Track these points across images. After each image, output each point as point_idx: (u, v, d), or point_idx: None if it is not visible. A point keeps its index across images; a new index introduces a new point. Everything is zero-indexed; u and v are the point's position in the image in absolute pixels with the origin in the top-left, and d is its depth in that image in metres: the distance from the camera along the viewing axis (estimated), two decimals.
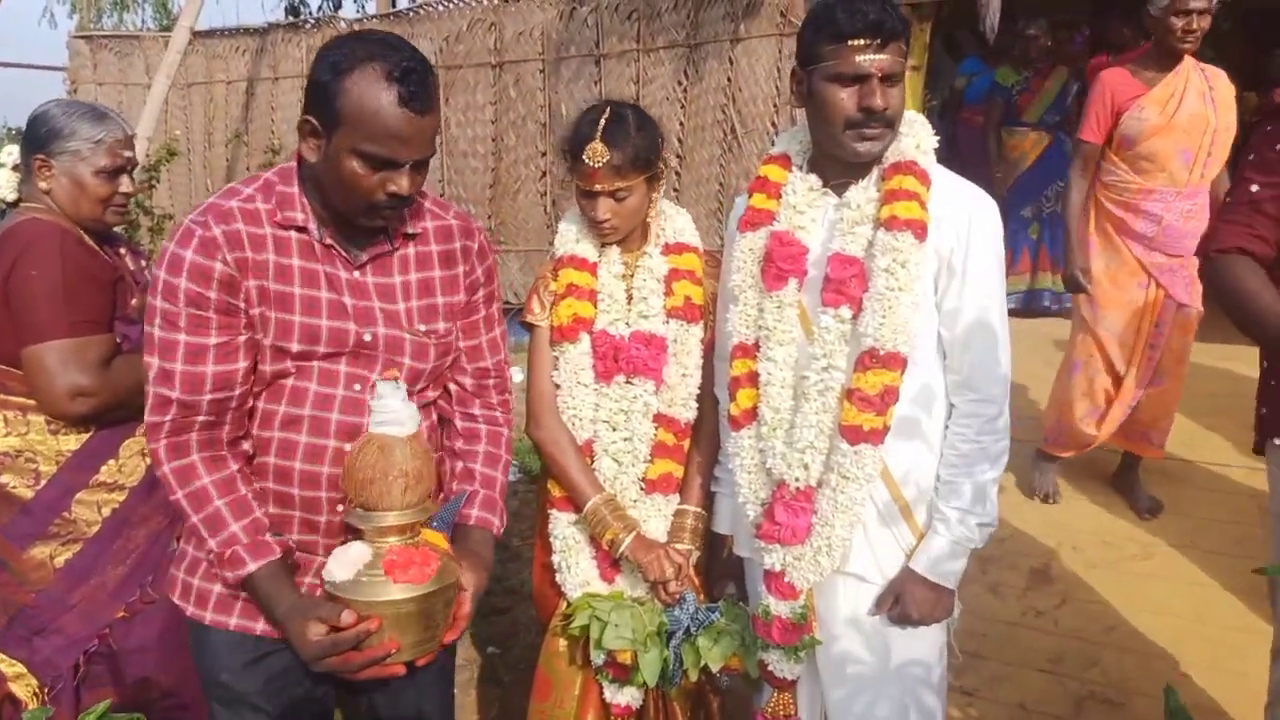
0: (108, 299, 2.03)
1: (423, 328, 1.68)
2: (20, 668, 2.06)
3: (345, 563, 1.46)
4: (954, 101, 6.68)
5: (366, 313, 1.62)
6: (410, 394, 1.62)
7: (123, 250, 2.22)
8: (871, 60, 1.59)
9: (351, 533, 1.53)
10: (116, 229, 2.21)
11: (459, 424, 1.80)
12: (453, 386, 1.79)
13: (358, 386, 1.62)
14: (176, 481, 1.56)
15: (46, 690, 2.06)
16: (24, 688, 2.06)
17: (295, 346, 1.58)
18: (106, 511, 2.07)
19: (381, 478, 1.44)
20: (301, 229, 1.58)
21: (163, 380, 1.54)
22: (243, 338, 1.57)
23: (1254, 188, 1.89)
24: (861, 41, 1.59)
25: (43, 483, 2.02)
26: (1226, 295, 1.90)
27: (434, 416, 1.79)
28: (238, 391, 1.57)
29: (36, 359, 1.92)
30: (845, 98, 1.63)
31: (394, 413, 1.47)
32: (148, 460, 2.10)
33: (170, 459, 1.56)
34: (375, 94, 1.45)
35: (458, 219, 1.75)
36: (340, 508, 1.60)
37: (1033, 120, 5.86)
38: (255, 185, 1.61)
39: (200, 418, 1.56)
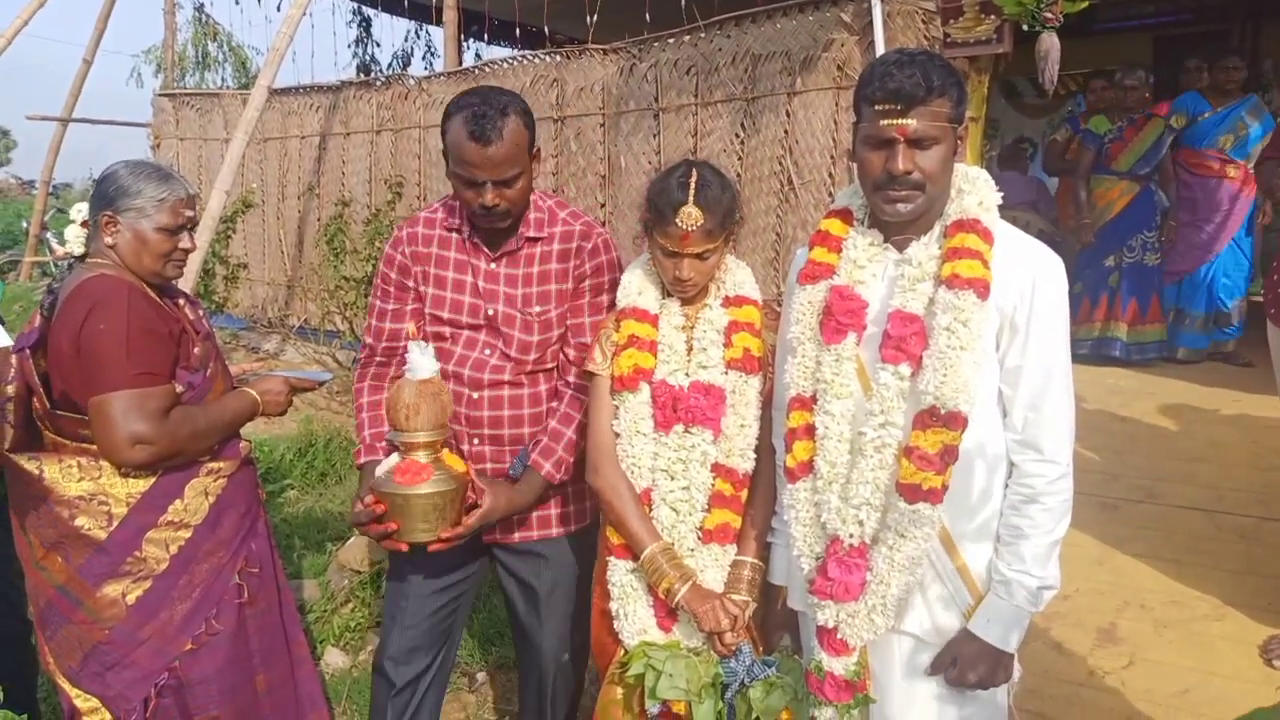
0: (169, 351, 2.13)
1: (537, 309, 2.21)
2: (95, 702, 2.13)
3: (384, 465, 2.08)
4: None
5: (492, 294, 2.22)
6: (524, 361, 2.22)
7: (181, 302, 2.33)
8: (895, 125, 1.62)
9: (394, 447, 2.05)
10: (174, 281, 2.31)
11: (559, 388, 2.27)
12: (561, 358, 2.27)
13: (488, 351, 2.23)
14: (356, 397, 2.33)
15: None
16: None
17: (445, 314, 2.24)
18: (174, 549, 2.14)
19: (394, 407, 1.99)
20: (458, 230, 2.24)
21: (365, 331, 2.36)
22: (409, 306, 2.28)
23: None
24: (885, 107, 1.62)
25: (115, 524, 2.09)
26: None
27: (547, 383, 2.28)
28: (401, 344, 2.24)
29: (100, 408, 2.01)
30: (874, 160, 1.66)
31: (414, 363, 1.98)
32: (210, 499, 2.19)
33: (356, 383, 2.35)
34: (456, 133, 2.04)
35: (582, 225, 2.26)
36: (476, 439, 2.26)
37: (1123, 169, 5.83)
38: (441, 201, 2.30)
39: (377, 358, 2.33)
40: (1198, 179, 5.75)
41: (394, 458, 2.04)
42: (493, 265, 2.21)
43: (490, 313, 2.21)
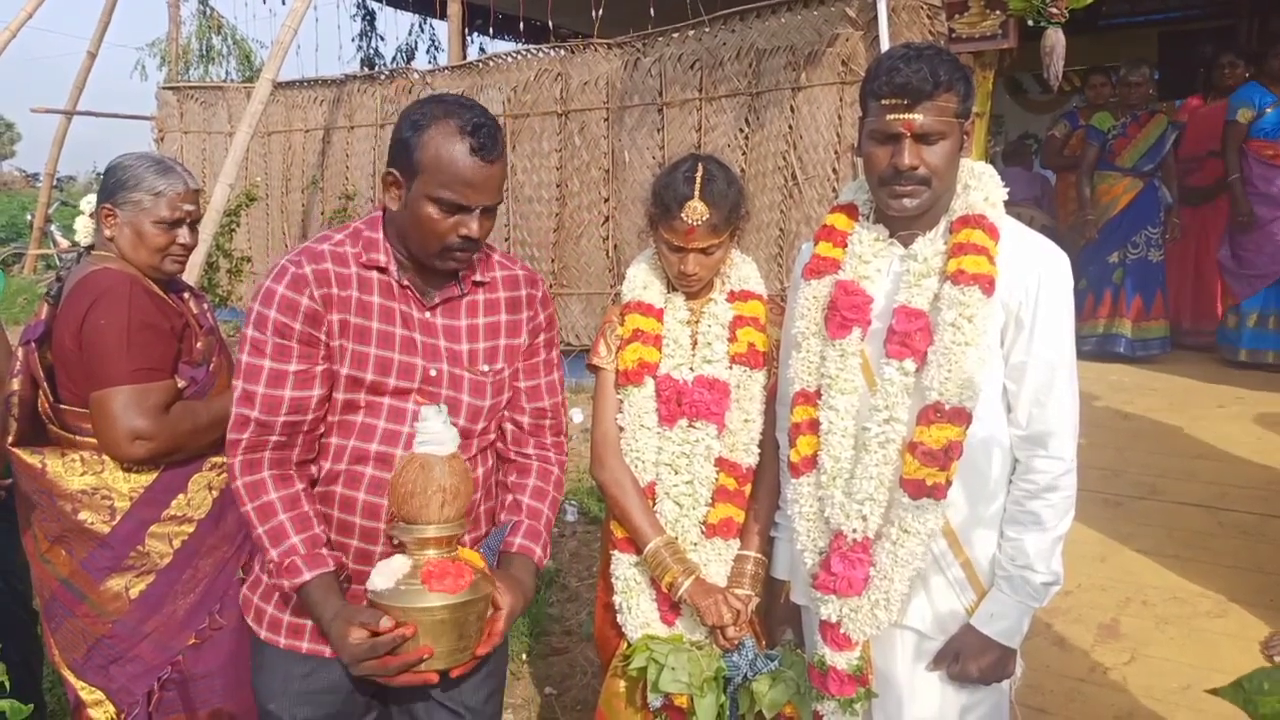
0: (171, 346, 2.13)
1: (485, 368, 1.79)
2: (99, 695, 2.13)
3: (387, 573, 1.55)
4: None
5: (433, 350, 1.75)
6: (472, 431, 1.77)
7: (185, 295, 2.33)
8: (901, 120, 1.61)
9: (395, 547, 1.62)
10: (178, 276, 2.30)
11: (514, 459, 1.89)
12: (509, 426, 1.88)
13: None
14: (247, 494, 1.67)
15: (123, 716, 2.12)
16: (102, 714, 2.13)
17: (369, 376, 1.70)
18: (177, 543, 2.14)
19: (421, 492, 1.51)
20: (383, 270, 1.72)
21: (244, 401, 1.67)
22: (320, 368, 1.69)
23: None
24: (891, 102, 1.61)
25: (118, 518, 2.09)
26: None
27: (491, 459, 1.88)
28: (310, 417, 1.69)
29: (101, 403, 2.02)
30: (880, 155, 1.66)
31: (436, 434, 1.54)
32: (214, 493, 2.18)
33: (244, 474, 1.67)
34: (449, 146, 1.61)
35: (524, 270, 1.90)
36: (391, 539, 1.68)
37: (1126, 166, 5.81)
38: (346, 231, 1.77)
39: (274, 437, 1.68)
40: (1278, 170, 5.46)
41: (398, 561, 1.57)
42: (427, 314, 1.75)
43: (433, 373, 1.73)
